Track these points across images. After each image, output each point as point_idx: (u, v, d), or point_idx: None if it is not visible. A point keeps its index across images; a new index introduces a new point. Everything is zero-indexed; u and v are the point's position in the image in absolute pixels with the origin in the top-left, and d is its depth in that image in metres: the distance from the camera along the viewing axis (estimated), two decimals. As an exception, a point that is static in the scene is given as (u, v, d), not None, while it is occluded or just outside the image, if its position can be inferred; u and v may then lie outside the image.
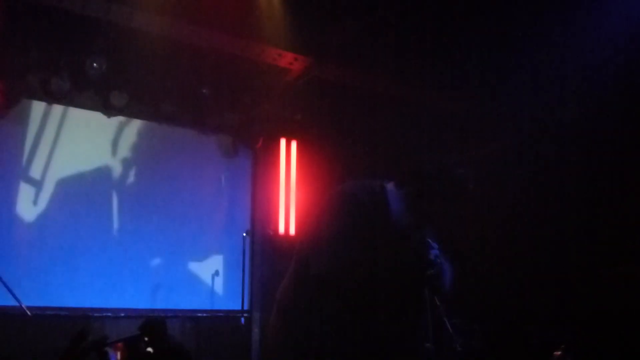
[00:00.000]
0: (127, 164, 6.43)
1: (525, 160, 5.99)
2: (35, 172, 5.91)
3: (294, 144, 6.91)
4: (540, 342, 4.69)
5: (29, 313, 4.36)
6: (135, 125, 6.50)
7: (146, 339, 3.71)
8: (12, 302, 4.37)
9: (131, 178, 6.44)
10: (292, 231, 6.69)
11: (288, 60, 5.89)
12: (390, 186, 2.13)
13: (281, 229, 6.69)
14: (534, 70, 5.32)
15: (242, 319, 6.05)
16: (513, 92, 5.60)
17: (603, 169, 5.31)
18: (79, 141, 6.18)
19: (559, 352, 4.45)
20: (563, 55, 5.09)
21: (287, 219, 6.73)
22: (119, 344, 3.64)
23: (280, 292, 2.24)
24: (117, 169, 6.37)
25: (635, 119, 5.10)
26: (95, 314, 5.70)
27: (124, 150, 6.44)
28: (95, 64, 5.67)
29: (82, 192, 6.10)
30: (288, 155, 6.89)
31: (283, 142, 6.89)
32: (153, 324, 3.99)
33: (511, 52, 5.30)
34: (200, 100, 6.30)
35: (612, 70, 4.94)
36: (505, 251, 5.86)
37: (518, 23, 4.99)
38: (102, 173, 6.26)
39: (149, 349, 3.71)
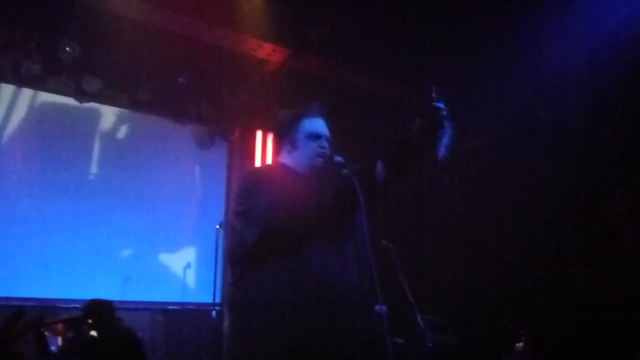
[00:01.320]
0: (98, 152, 6.30)
1: (498, 158, 6.04)
2: (1, 158, 5.74)
3: (270, 137, 6.86)
4: (508, 336, 4.75)
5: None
6: (108, 113, 6.36)
7: (90, 321, 3.53)
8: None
9: (102, 166, 6.31)
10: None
11: (267, 52, 5.84)
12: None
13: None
14: (514, 68, 5.35)
15: (214, 312, 5.99)
16: (488, 90, 5.64)
17: (577, 170, 5.39)
18: (49, 127, 6.02)
19: (521, 344, 4.52)
20: (546, 54, 5.12)
21: (261, 212, 6.67)
22: (59, 326, 3.46)
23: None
24: (88, 157, 6.22)
25: (605, 120, 5.18)
26: (63, 305, 5.57)
27: (96, 138, 6.30)
28: (68, 48, 5.52)
29: (51, 180, 5.95)
30: (264, 148, 6.83)
31: (259, 134, 6.82)
32: (97, 306, 3.82)
33: (490, 50, 5.33)
34: (176, 89, 6.20)
35: (599, 69, 4.97)
36: (476, 248, 5.92)
37: (491, 20, 5.02)
38: (72, 161, 6.11)
39: (93, 333, 3.52)
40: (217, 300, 6.03)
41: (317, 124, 2.31)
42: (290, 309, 1.96)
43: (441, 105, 2.03)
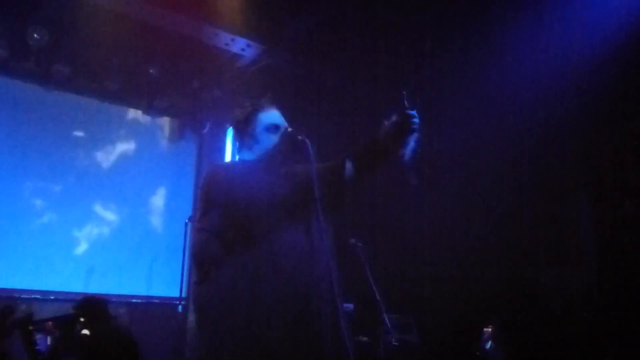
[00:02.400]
0: (65, 141, 6.17)
1: (467, 158, 6.11)
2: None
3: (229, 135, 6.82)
4: (473, 336, 4.84)
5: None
6: (76, 102, 6.24)
7: (82, 319, 3.42)
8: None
9: (69, 156, 6.19)
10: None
11: (240, 46, 5.81)
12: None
13: (224, 217, 6.59)
14: (500, 67, 5.39)
15: (180, 307, 5.94)
16: (468, 87, 5.68)
17: (547, 169, 5.47)
18: (14, 114, 5.87)
19: (489, 328, 4.60)
20: (531, 53, 5.18)
21: (230, 207, 6.63)
22: (49, 324, 3.32)
23: None
24: (54, 146, 6.09)
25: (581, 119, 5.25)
26: (23, 295, 5.46)
27: (63, 127, 6.17)
28: (36, 35, 5.39)
29: (15, 168, 5.82)
30: (235, 141, 6.78)
31: (230, 129, 6.78)
32: (91, 303, 3.69)
33: (475, 49, 5.36)
34: (147, 80, 6.11)
35: (595, 69, 5.03)
36: (444, 248, 6.00)
37: (479, 17, 5.05)
38: (38, 149, 5.98)
39: (85, 331, 3.41)
40: (184, 295, 5.98)
41: (274, 116, 2.33)
42: (256, 308, 1.96)
43: (413, 111, 2.10)
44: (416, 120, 2.11)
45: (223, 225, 2.05)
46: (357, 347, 4.62)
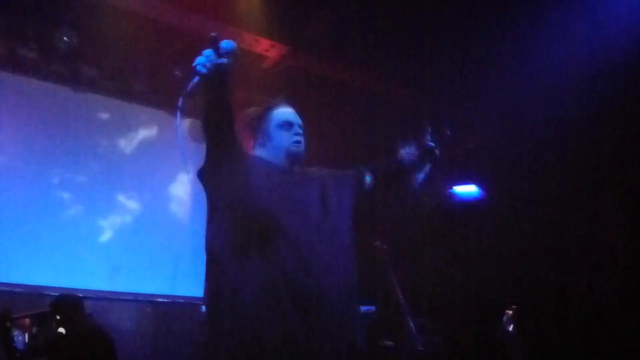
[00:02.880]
0: (93, 141, 6.26)
1: (495, 158, 6.04)
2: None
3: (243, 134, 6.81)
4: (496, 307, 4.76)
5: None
6: (104, 103, 6.32)
7: (58, 317, 3.42)
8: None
9: (97, 156, 6.27)
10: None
11: (264, 47, 5.82)
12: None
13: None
14: (511, 68, 5.33)
15: (203, 307, 5.97)
16: (488, 91, 5.62)
17: (576, 172, 5.38)
18: (44, 115, 5.98)
19: (511, 311, 4.51)
20: (545, 53, 5.10)
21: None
22: (25, 321, 3.34)
23: None
24: (82, 146, 6.18)
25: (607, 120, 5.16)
26: (51, 292, 5.54)
27: (91, 127, 6.26)
28: (65, 37, 5.50)
29: (44, 168, 5.92)
30: (248, 139, 6.78)
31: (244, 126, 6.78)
32: (66, 301, 3.69)
33: (491, 50, 5.30)
34: (172, 81, 6.16)
35: (599, 70, 4.95)
36: (470, 250, 5.93)
37: (492, 20, 5.00)
38: (66, 149, 6.07)
39: (61, 330, 3.41)
40: (208, 295, 6.00)
41: (287, 113, 2.33)
42: (269, 310, 1.93)
43: (433, 144, 2.29)
44: (436, 153, 2.28)
45: (229, 222, 2.05)
46: (382, 351, 4.59)
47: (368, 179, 2.30)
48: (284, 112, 2.32)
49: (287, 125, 2.28)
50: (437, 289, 5.70)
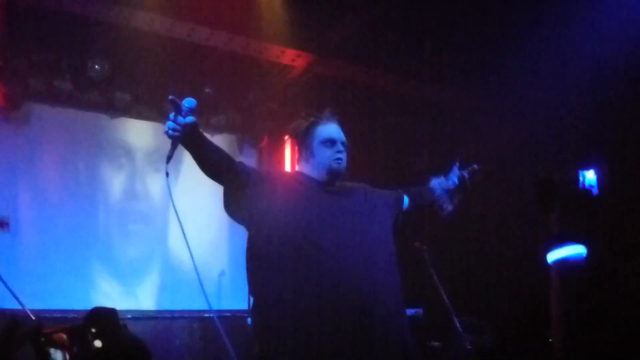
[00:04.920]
0: (130, 164, 6.41)
1: (531, 155, 5.93)
2: (38, 174, 5.90)
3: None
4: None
5: (32, 317, 4.29)
6: (138, 126, 6.48)
7: (93, 330, 3.42)
8: (15, 306, 4.32)
9: (135, 178, 6.42)
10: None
11: (290, 57, 5.86)
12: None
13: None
14: (536, 66, 5.26)
15: (249, 319, 6.01)
16: (516, 87, 5.54)
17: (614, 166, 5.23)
18: (82, 142, 6.16)
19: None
20: (567, 51, 5.02)
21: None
22: (60, 336, 3.31)
23: None
24: (120, 170, 6.35)
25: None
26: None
27: (128, 151, 6.42)
28: (97, 66, 5.66)
29: (85, 193, 6.09)
30: (293, 153, 6.84)
31: (287, 140, 6.84)
32: (101, 314, 3.70)
33: (515, 47, 5.24)
34: (203, 99, 6.26)
35: (618, 66, 4.85)
36: (513, 247, 5.81)
37: (520, 19, 4.94)
38: (106, 174, 6.25)
39: (98, 343, 3.40)
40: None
41: (331, 130, 2.32)
42: (319, 322, 1.94)
43: (466, 174, 2.56)
44: (468, 182, 2.54)
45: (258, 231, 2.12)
46: (430, 352, 4.54)
47: (406, 201, 2.44)
48: (328, 128, 2.32)
49: (330, 142, 2.27)
50: (480, 286, 5.60)
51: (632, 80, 4.91)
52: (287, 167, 6.74)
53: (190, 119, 2.05)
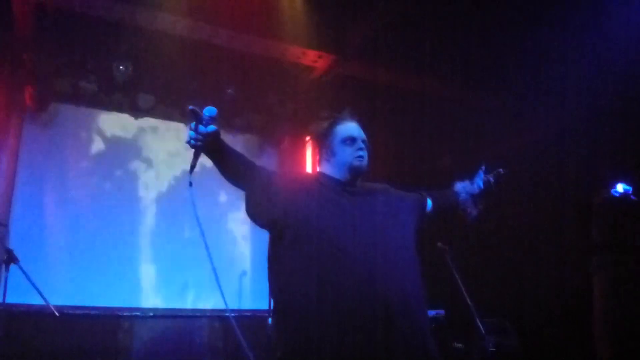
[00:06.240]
0: (154, 165, 6.49)
1: (553, 154, 5.85)
2: (65, 174, 6.00)
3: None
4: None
5: (56, 313, 4.38)
6: (162, 127, 6.56)
7: None
8: (40, 302, 4.41)
9: (159, 179, 6.50)
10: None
11: (312, 58, 5.87)
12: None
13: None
14: (562, 67, 5.19)
15: (270, 319, 6.03)
16: (537, 88, 5.48)
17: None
18: (107, 143, 6.27)
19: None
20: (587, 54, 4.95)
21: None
22: None
23: None
24: (144, 170, 6.43)
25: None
26: (125, 314, 5.75)
27: (152, 151, 6.50)
28: (121, 67, 5.75)
29: (112, 193, 6.19)
30: (314, 154, 6.83)
31: (308, 141, 6.85)
32: None
33: (538, 47, 5.18)
34: (225, 100, 6.31)
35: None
36: (536, 248, 5.73)
37: (551, 22, 4.88)
38: (130, 174, 6.34)
39: None
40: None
41: (351, 128, 2.32)
42: (341, 322, 1.93)
43: (492, 178, 2.57)
44: (493, 187, 2.55)
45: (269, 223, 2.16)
46: (453, 354, 4.51)
47: (430, 204, 2.44)
48: (348, 127, 2.32)
49: (351, 140, 2.28)
50: (504, 287, 5.53)
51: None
52: (309, 168, 6.74)
53: (211, 127, 2.02)
